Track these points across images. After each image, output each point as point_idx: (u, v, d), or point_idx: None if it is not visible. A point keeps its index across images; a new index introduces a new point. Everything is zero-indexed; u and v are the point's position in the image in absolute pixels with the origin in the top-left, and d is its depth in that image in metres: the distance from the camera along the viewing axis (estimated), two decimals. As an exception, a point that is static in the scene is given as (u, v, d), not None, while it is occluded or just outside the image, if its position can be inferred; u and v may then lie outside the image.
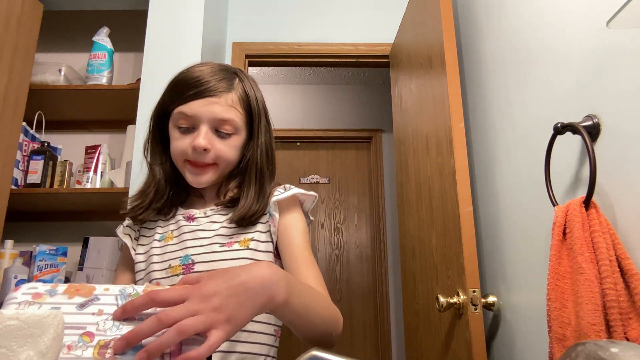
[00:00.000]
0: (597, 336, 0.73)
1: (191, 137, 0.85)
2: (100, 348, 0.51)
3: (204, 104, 0.84)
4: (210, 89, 0.85)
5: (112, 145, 2.07)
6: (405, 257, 1.92)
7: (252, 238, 0.86)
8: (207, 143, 0.84)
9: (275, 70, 3.46)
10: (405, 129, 1.99)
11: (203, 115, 0.84)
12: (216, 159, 0.86)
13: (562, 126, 0.95)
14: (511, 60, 1.33)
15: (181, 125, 0.85)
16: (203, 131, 0.84)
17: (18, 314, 0.39)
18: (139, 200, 0.90)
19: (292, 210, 0.91)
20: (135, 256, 0.91)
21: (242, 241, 0.86)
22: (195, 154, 0.84)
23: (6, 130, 1.63)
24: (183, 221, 0.90)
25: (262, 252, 0.86)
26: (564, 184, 1.02)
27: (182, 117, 0.85)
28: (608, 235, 0.79)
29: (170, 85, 0.90)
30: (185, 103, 0.84)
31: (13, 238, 1.78)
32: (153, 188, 0.90)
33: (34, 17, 1.79)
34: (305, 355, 0.44)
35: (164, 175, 0.91)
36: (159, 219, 0.93)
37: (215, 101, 0.84)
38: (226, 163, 0.88)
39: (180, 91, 0.86)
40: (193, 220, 0.90)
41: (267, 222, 0.89)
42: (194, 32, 1.79)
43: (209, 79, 0.86)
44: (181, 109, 0.85)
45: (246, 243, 0.85)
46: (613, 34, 0.88)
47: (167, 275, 0.85)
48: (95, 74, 1.90)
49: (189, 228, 0.88)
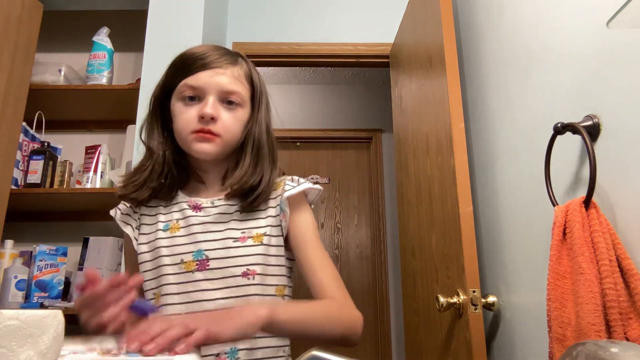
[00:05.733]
0: (597, 336, 0.73)
1: (197, 108, 0.84)
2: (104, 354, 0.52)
3: (211, 75, 0.84)
4: (216, 61, 0.85)
5: (112, 145, 2.07)
6: (405, 257, 1.92)
7: (265, 233, 0.86)
8: (214, 111, 0.83)
9: (275, 70, 3.46)
10: (405, 129, 1.99)
11: (210, 85, 0.84)
12: (222, 130, 0.84)
13: (562, 126, 0.95)
14: (511, 60, 1.33)
15: (186, 95, 0.84)
16: (210, 100, 0.83)
17: (18, 314, 0.39)
18: (134, 177, 0.87)
19: (302, 205, 0.91)
20: (137, 246, 0.88)
21: (255, 236, 0.85)
22: (202, 122, 0.83)
23: (6, 130, 1.63)
24: (189, 210, 0.88)
25: (274, 246, 0.86)
26: (564, 184, 1.02)
27: (188, 88, 0.84)
28: (608, 235, 0.79)
29: (173, 63, 0.89)
30: (192, 75, 0.84)
31: (13, 238, 1.78)
32: (149, 165, 0.87)
33: (34, 17, 1.79)
34: (305, 355, 0.44)
35: (162, 153, 0.88)
36: (159, 204, 0.90)
37: (222, 72, 0.85)
38: (231, 136, 0.86)
39: (185, 65, 0.86)
40: (200, 210, 0.88)
41: (277, 216, 0.88)
42: (194, 32, 1.79)
43: (214, 53, 0.87)
44: (187, 81, 0.84)
45: (259, 238, 0.85)
46: (613, 34, 0.88)
47: (180, 271, 0.83)
48: (95, 74, 1.90)
49: (198, 219, 0.86)
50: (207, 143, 0.84)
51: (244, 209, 0.87)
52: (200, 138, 0.84)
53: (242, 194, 0.86)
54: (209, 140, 0.84)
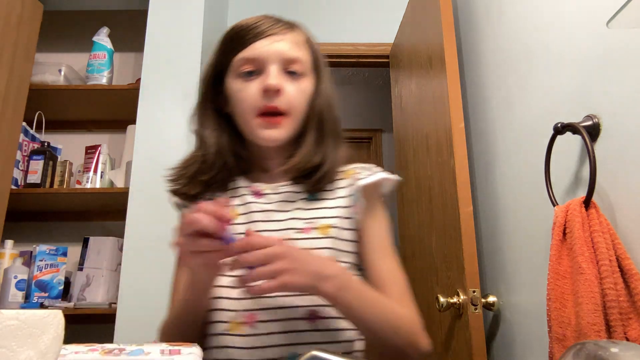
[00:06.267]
0: (597, 336, 0.73)
1: (258, 83, 0.74)
2: (106, 354, 0.52)
3: (269, 43, 0.75)
4: (272, 28, 0.76)
5: (112, 145, 2.07)
6: (405, 257, 1.92)
7: (332, 225, 0.76)
8: (279, 82, 0.73)
9: (275, 70, 3.46)
10: (405, 129, 2.00)
11: (270, 54, 0.74)
12: (288, 106, 0.75)
13: (562, 126, 0.95)
14: (511, 60, 1.33)
15: (244, 70, 0.75)
16: (273, 70, 0.74)
17: (18, 314, 0.39)
18: (183, 170, 0.79)
19: (376, 200, 0.81)
20: None
21: (320, 227, 0.75)
22: (267, 98, 0.73)
23: (6, 130, 1.63)
24: (249, 197, 0.79)
25: (345, 241, 0.76)
26: (564, 184, 1.02)
27: (245, 62, 0.75)
28: (608, 235, 0.79)
29: (223, 39, 0.80)
30: (247, 46, 0.75)
31: (13, 238, 1.78)
32: (201, 157, 0.78)
33: (34, 17, 1.79)
34: (305, 355, 0.44)
35: (216, 142, 0.78)
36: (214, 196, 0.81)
37: (280, 38, 0.76)
38: (298, 112, 0.77)
39: (237, 37, 0.76)
40: (261, 197, 0.79)
41: (348, 208, 0.78)
42: (194, 32, 1.79)
43: (267, 20, 0.78)
44: (243, 54, 0.75)
45: (325, 230, 0.75)
46: (613, 34, 0.88)
47: None
48: (95, 74, 1.90)
49: (259, 206, 0.78)
50: (275, 129, 0.75)
51: (309, 192, 0.78)
52: (266, 124, 0.74)
53: (305, 174, 0.77)
54: (276, 125, 0.74)
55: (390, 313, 0.70)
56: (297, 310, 0.71)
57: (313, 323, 0.71)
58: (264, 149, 0.80)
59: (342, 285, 0.64)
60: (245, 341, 0.70)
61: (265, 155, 0.81)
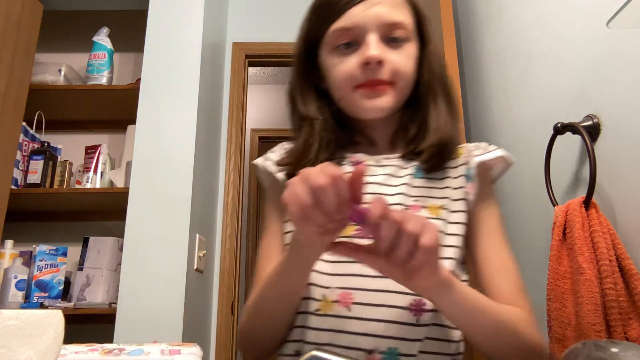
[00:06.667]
0: (597, 336, 0.73)
1: (357, 55, 0.67)
2: (106, 354, 0.52)
3: (365, 8, 0.66)
4: None
5: (112, 145, 2.07)
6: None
7: (443, 206, 0.67)
8: (380, 53, 0.65)
9: (275, 70, 3.46)
10: (405, 129, 2.00)
11: (367, 21, 0.66)
12: (392, 74, 0.67)
13: (562, 126, 0.95)
14: (511, 60, 1.33)
15: (340, 42, 0.68)
16: (372, 40, 0.66)
17: (18, 314, 0.39)
18: (304, 155, 0.70)
19: (488, 179, 0.72)
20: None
21: (431, 207, 0.67)
22: (367, 71, 0.66)
23: (6, 130, 1.63)
24: (350, 168, 0.71)
25: (454, 223, 0.67)
26: (564, 184, 1.02)
27: (341, 34, 0.68)
28: (608, 235, 0.79)
29: (314, 7, 0.72)
30: (341, 15, 0.67)
31: (13, 238, 1.78)
32: (317, 136, 0.71)
33: (34, 17, 1.79)
34: (305, 355, 0.44)
35: (323, 120, 0.72)
36: None
37: (378, 2, 0.67)
38: (405, 80, 0.69)
39: (330, 5, 0.69)
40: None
41: (459, 189, 0.69)
42: (194, 32, 1.79)
43: None
44: (337, 24, 0.68)
45: (437, 211, 0.67)
46: (613, 34, 0.88)
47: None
48: (95, 74, 1.90)
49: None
50: (378, 97, 0.67)
51: (420, 168, 0.70)
52: (367, 93, 0.67)
53: (438, 151, 0.68)
54: (380, 93, 0.67)
55: (503, 315, 0.59)
56: (400, 297, 0.62)
57: (418, 316, 0.62)
58: (368, 122, 0.73)
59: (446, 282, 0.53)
60: (336, 323, 0.62)
61: (369, 127, 0.74)
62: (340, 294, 0.63)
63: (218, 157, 2.12)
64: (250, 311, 0.66)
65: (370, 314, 0.62)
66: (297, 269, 0.58)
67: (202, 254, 1.74)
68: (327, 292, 0.63)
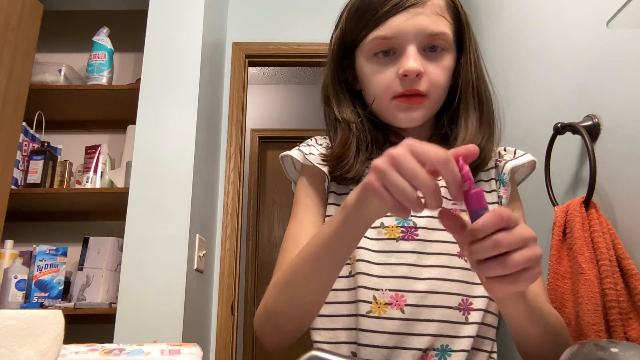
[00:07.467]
0: (597, 336, 0.73)
1: (394, 66, 0.67)
2: (106, 354, 0.52)
3: (407, 18, 0.66)
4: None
5: (112, 145, 2.07)
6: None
7: None
8: (419, 66, 0.65)
9: (275, 70, 3.46)
10: (405, 129, 1.99)
11: (408, 31, 0.66)
12: (429, 87, 0.67)
13: (562, 126, 0.95)
14: (511, 60, 1.33)
15: (379, 50, 0.68)
16: (412, 52, 0.66)
17: (18, 314, 0.39)
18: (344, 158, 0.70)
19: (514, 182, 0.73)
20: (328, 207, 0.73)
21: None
22: (406, 82, 0.66)
23: (6, 130, 1.63)
24: None
25: None
26: (564, 184, 1.02)
27: (381, 42, 0.67)
28: (608, 235, 0.79)
29: (354, 9, 0.71)
30: (381, 23, 0.67)
31: (13, 238, 1.78)
32: (353, 137, 0.71)
33: (34, 17, 1.79)
34: (305, 355, 0.44)
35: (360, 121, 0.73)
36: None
37: (420, 11, 0.66)
38: (438, 92, 0.70)
39: (371, 10, 0.68)
40: None
41: (492, 192, 0.70)
42: (194, 32, 1.79)
43: None
44: (378, 32, 0.67)
45: None
46: (613, 33, 0.88)
47: (380, 237, 0.68)
48: (95, 74, 1.90)
49: None
50: (414, 110, 0.68)
51: None
52: (404, 106, 0.68)
53: None
54: (415, 106, 0.68)
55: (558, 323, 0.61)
56: (449, 297, 0.64)
57: (465, 314, 0.65)
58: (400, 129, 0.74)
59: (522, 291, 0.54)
60: (390, 325, 0.63)
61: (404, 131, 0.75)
62: (392, 296, 0.65)
63: (218, 157, 2.12)
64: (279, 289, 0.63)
65: (423, 314, 0.64)
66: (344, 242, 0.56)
67: (202, 254, 1.74)
68: (378, 294, 0.65)
